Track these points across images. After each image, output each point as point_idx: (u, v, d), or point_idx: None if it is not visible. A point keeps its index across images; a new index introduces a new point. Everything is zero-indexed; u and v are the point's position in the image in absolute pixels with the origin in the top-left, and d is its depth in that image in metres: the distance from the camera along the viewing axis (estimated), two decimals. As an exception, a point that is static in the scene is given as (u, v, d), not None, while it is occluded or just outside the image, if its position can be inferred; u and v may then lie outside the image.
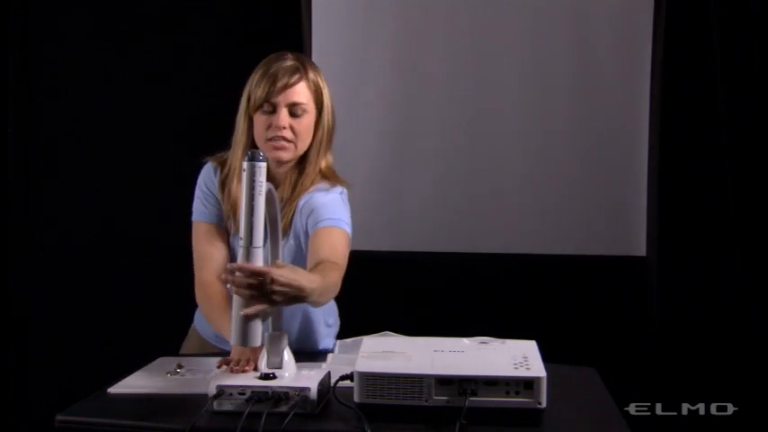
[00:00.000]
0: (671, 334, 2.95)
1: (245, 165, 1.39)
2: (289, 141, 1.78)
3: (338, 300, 2.97)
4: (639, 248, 3.02)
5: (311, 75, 1.81)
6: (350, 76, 3.09)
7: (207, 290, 1.84)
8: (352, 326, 2.05)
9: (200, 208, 1.90)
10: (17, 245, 3.16)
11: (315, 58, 3.08)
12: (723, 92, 2.86)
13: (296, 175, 1.85)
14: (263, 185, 1.40)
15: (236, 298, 1.41)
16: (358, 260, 3.03)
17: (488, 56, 3.05)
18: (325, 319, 2.04)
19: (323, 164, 1.87)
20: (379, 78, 3.09)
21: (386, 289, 3.06)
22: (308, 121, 1.80)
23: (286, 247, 1.84)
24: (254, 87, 1.78)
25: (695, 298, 2.94)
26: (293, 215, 1.82)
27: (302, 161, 1.85)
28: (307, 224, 1.81)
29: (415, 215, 3.10)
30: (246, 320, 1.39)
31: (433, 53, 3.07)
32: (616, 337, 2.93)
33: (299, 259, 1.82)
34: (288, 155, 1.80)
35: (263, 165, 1.40)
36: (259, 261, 1.40)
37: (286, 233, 1.82)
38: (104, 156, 3.10)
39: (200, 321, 2.05)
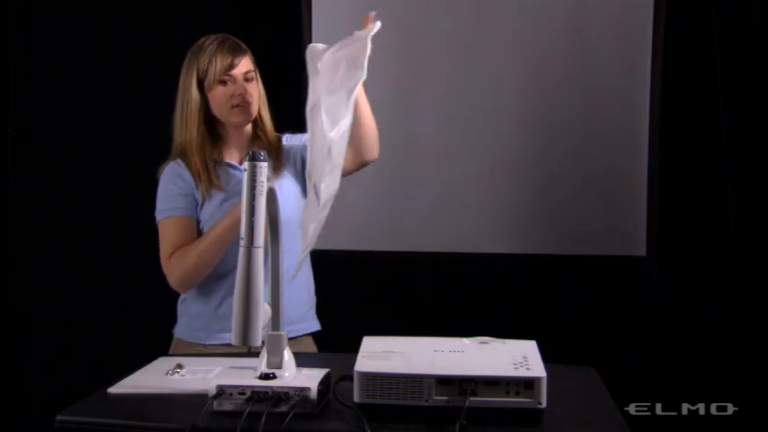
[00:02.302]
0: (671, 334, 2.95)
1: (245, 165, 1.39)
2: (249, 103, 2.05)
3: (337, 298, 2.98)
4: (639, 248, 3.02)
5: (247, 49, 2.09)
6: (350, 76, 3.09)
7: (183, 250, 1.98)
8: (352, 325, 2.04)
9: (174, 204, 2.03)
10: (17, 245, 3.16)
11: (315, 58, 3.08)
12: (723, 92, 2.86)
13: (253, 134, 2.13)
14: (263, 185, 1.40)
15: (236, 297, 1.40)
16: (358, 260, 3.07)
17: (488, 56, 3.05)
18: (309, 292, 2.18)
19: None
20: (378, 78, 3.06)
21: (386, 289, 3.07)
22: (256, 86, 2.08)
23: (289, 189, 2.07)
24: (209, 66, 2.02)
25: (695, 298, 2.95)
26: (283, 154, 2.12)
27: (257, 122, 2.14)
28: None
29: (416, 215, 3.10)
30: (247, 320, 1.39)
31: (432, 53, 3.07)
32: (616, 337, 2.93)
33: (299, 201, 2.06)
34: (248, 117, 2.07)
35: (265, 164, 1.40)
36: (260, 261, 1.40)
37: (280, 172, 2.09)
38: (105, 156, 3.10)
39: (181, 331, 2.10)
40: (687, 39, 2.94)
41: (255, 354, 1.51)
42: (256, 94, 2.08)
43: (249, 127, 2.13)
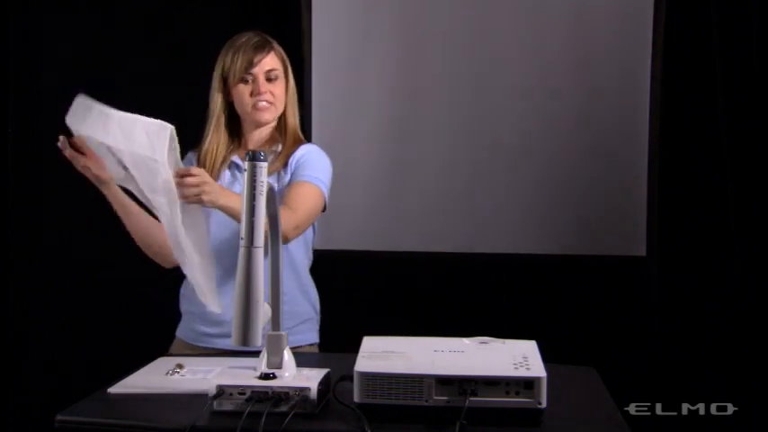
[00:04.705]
0: (671, 334, 2.95)
1: (245, 164, 1.39)
2: (270, 103, 2.04)
3: (337, 298, 2.96)
4: (639, 248, 3.02)
5: (276, 46, 2.09)
6: (350, 76, 3.09)
7: None
8: (352, 325, 2.05)
9: None
10: (17, 245, 3.16)
11: (315, 58, 3.09)
12: (723, 92, 2.86)
13: (276, 133, 2.11)
14: (264, 185, 1.39)
15: (236, 297, 1.40)
16: (359, 260, 3.07)
17: (488, 56, 3.05)
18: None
19: (296, 121, 2.13)
20: (378, 79, 3.09)
21: (386, 289, 3.06)
22: (281, 84, 2.07)
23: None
24: (231, 64, 2.02)
25: (695, 298, 2.95)
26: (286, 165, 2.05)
27: (279, 121, 2.11)
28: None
29: (415, 215, 3.10)
30: (247, 320, 1.39)
31: (432, 53, 3.07)
32: (616, 337, 2.93)
33: None
34: (271, 115, 2.06)
35: (264, 164, 1.39)
36: (260, 261, 1.40)
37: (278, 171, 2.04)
38: (104, 156, 3.10)
39: (182, 331, 2.11)
40: (687, 39, 2.94)
41: (255, 353, 1.51)
42: (280, 93, 2.05)
43: (269, 127, 2.10)
